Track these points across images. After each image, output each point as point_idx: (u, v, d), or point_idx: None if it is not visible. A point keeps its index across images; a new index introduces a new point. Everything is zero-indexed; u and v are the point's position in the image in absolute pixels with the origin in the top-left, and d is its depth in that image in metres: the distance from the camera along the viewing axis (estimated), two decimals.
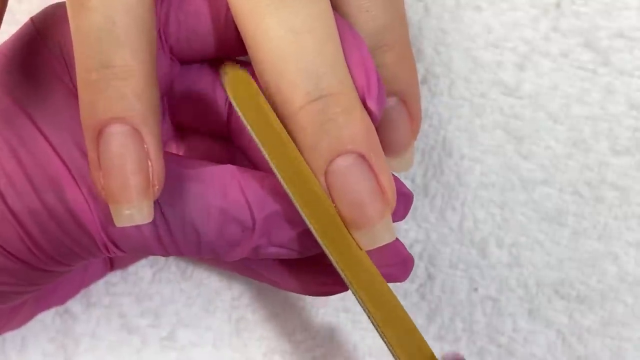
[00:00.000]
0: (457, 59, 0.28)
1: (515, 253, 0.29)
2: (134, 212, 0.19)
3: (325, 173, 0.20)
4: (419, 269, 0.29)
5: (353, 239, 0.20)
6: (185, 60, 0.24)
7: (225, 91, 0.21)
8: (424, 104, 0.29)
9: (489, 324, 0.29)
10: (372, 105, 0.21)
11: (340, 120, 0.20)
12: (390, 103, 0.24)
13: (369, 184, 0.20)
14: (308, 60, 0.20)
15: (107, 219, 0.20)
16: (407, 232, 0.29)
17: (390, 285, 0.21)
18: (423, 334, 0.30)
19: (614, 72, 0.28)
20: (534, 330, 0.29)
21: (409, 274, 0.24)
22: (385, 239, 0.20)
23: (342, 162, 0.20)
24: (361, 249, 0.20)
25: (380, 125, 0.24)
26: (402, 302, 0.29)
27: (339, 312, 0.30)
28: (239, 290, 0.30)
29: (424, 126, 0.29)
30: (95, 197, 0.20)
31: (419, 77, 0.28)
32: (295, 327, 0.30)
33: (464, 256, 0.29)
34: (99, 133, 0.19)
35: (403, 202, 0.22)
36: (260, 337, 0.30)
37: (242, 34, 0.21)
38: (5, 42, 0.23)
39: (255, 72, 0.21)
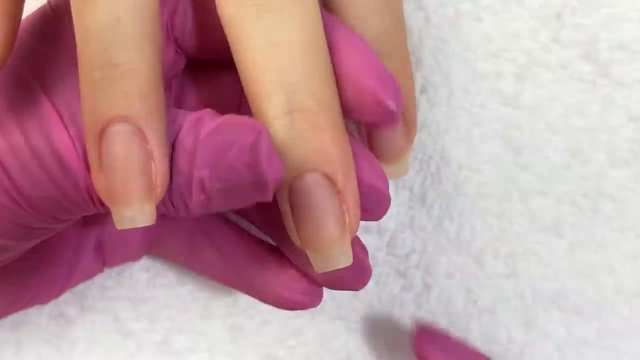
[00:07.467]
0: (456, 68, 0.28)
1: (511, 264, 0.29)
2: (135, 214, 0.19)
3: (289, 188, 0.20)
4: (416, 279, 0.29)
5: None
6: (192, 56, 0.23)
7: None
8: (422, 113, 0.28)
9: (485, 334, 0.29)
10: (390, 104, 0.20)
11: (308, 137, 0.19)
12: None
13: (330, 205, 0.20)
14: (283, 73, 0.19)
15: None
16: (404, 241, 0.29)
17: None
18: None
19: (613, 84, 0.28)
20: (529, 341, 0.29)
21: (363, 285, 0.24)
22: (340, 263, 0.20)
23: (305, 180, 0.20)
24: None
25: (375, 132, 0.24)
26: (398, 312, 0.29)
27: (335, 319, 0.30)
28: (234, 296, 0.30)
29: (423, 135, 0.29)
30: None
31: (418, 86, 0.28)
32: (290, 334, 0.30)
33: (461, 266, 0.29)
34: (101, 132, 0.18)
35: (379, 201, 0.22)
36: (255, 344, 0.30)
37: (227, 38, 0.20)
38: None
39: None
